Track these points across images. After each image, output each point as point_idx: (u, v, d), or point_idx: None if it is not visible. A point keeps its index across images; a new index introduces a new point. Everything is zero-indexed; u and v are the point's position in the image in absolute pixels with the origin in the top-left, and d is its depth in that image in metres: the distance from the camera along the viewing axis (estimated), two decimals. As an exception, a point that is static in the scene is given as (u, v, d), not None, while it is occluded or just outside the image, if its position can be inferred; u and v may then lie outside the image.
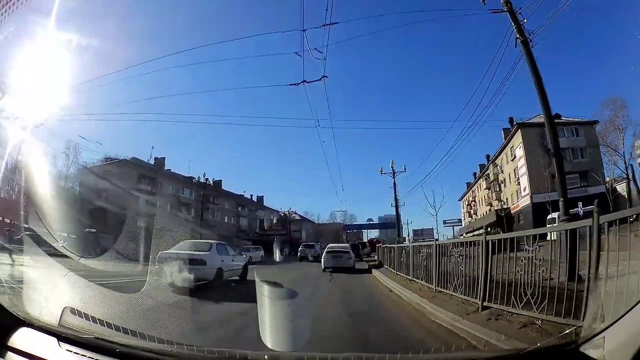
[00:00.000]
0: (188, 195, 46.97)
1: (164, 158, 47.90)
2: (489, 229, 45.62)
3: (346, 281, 12.88)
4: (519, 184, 42.68)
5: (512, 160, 44.53)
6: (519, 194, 43.59)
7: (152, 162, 45.81)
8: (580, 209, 25.41)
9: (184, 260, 8.88)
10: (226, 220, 54.13)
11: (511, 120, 44.21)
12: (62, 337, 2.22)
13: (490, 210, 52.95)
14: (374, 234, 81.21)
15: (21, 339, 2.12)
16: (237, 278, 11.78)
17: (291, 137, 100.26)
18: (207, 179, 52.10)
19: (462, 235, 65.03)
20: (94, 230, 23.82)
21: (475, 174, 66.84)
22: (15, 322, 2.25)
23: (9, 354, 1.98)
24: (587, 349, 1.79)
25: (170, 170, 47.25)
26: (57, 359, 2.06)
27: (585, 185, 35.71)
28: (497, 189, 50.44)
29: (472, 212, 67.57)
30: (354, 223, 70.62)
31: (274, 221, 59.77)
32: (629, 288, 2.07)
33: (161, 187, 43.48)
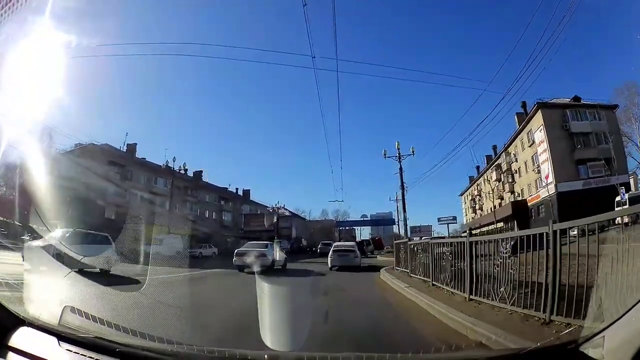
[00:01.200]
0: (162, 186, 43.30)
1: (136, 144, 44.56)
2: (500, 224, 45.77)
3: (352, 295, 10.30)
4: (538, 171, 39.63)
5: (530, 145, 41.28)
6: (538, 184, 40.45)
7: (124, 149, 42.85)
8: (623, 194, 24.59)
9: (254, 253, 16.47)
10: (207, 215, 51.59)
11: (524, 104, 41.52)
12: (62, 337, 2.32)
13: (500, 203, 50.93)
14: (366, 231, 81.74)
15: (21, 338, 2.23)
16: (281, 267, 18.51)
17: (285, 121, 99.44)
18: (186, 169, 48.76)
19: (464, 232, 63.23)
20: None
21: (478, 167, 65.14)
22: (15, 321, 2.35)
23: (9, 354, 2.08)
24: (587, 349, 1.87)
25: (143, 158, 44.45)
26: (57, 358, 2.17)
27: (609, 175, 33.57)
28: (510, 180, 47.93)
29: (476, 207, 65.40)
30: (347, 220, 69.46)
31: (260, 217, 57.81)
32: (629, 288, 2.14)
33: (131, 176, 40.59)
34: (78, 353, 2.19)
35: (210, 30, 66.70)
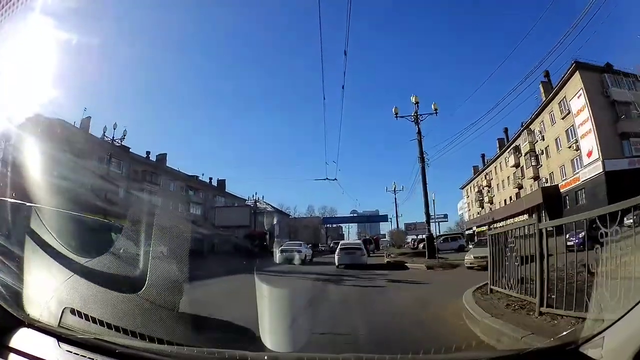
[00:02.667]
0: (115, 169, 38.23)
1: (90, 118, 38.85)
2: (523, 216, 39.35)
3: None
4: (576, 148, 34.72)
5: (564, 117, 36.24)
6: (576, 163, 35.54)
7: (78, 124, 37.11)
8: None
9: (293, 250, 24.36)
10: (170, 207, 45.71)
11: (547, 74, 36.94)
12: (62, 338, 2.50)
13: (518, 194, 47.26)
14: (354, 229, 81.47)
15: (21, 339, 2.40)
16: (309, 260, 25.84)
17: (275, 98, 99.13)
18: (148, 153, 45.52)
19: (471, 228, 60.47)
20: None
21: (483, 156, 62.62)
22: (15, 322, 2.53)
23: (9, 355, 2.25)
24: (587, 349, 1.95)
25: (92, 135, 37.75)
26: (57, 359, 2.33)
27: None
28: (534, 163, 43.02)
29: (484, 201, 60.71)
30: (335, 216, 69.22)
31: (235, 210, 52.36)
32: (629, 288, 2.18)
33: (81, 155, 31.60)
34: (78, 354, 2.34)
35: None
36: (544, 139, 41.03)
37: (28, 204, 4.55)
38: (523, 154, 45.31)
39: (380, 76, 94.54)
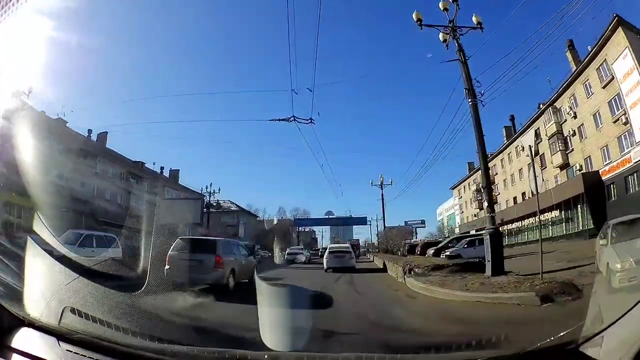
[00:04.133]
0: (48, 145, 30.40)
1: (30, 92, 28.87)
2: (552, 213, 34.14)
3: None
4: (625, 122, 28.55)
5: (605, 86, 30.07)
6: (624, 142, 29.36)
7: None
8: None
9: (299, 253, 36.72)
10: (108, 197, 40.40)
11: (571, 43, 33.79)
12: (62, 337, 2.60)
13: (530, 193, 35.58)
14: (327, 232, 79.34)
15: (22, 339, 2.50)
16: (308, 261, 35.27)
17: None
18: (90, 132, 39.69)
19: (467, 232, 51.98)
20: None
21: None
22: (16, 322, 2.63)
23: (10, 354, 2.33)
24: (587, 349, 2.03)
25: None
26: (57, 358, 2.45)
27: None
28: (562, 147, 36.56)
29: (482, 200, 50.86)
30: (309, 217, 66.50)
31: (183, 205, 39.73)
32: (630, 288, 2.24)
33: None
34: (78, 353, 2.46)
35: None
36: (575, 117, 34.60)
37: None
38: (549, 137, 38.36)
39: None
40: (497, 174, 51.56)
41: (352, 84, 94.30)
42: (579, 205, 32.34)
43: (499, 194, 50.63)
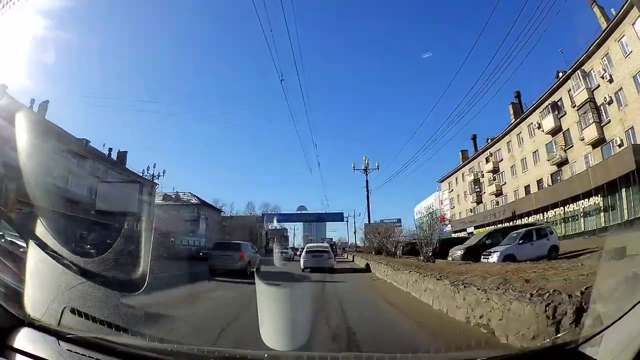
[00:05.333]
0: None
1: None
2: (588, 200, 29.45)
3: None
4: None
5: None
6: None
7: None
8: None
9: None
10: (38, 174, 28.35)
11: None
12: (62, 337, 2.62)
13: (557, 172, 35.15)
14: (300, 229, 75.41)
15: (22, 339, 2.51)
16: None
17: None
18: (32, 101, 34.04)
19: (464, 230, 48.94)
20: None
21: (475, 137, 52.32)
22: (16, 322, 2.65)
23: (10, 354, 2.35)
24: (586, 349, 2.04)
25: None
26: (57, 358, 2.45)
27: None
28: (594, 118, 30.23)
29: (483, 193, 49.44)
30: (279, 213, 61.11)
31: (119, 188, 37.66)
32: (629, 288, 2.25)
33: None
34: (78, 353, 2.47)
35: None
36: (611, 81, 28.40)
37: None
38: (577, 107, 31.75)
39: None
40: (501, 160, 45.24)
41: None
42: (623, 189, 26.76)
43: (505, 183, 44.50)
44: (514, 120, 42.57)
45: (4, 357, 2.32)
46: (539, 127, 37.29)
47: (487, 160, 48.47)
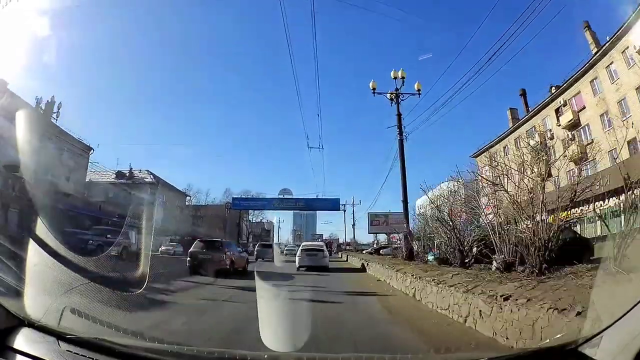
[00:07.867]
0: None
1: None
2: None
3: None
4: None
5: None
6: None
7: None
8: None
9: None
10: None
11: None
12: (62, 337, 2.61)
13: None
14: (289, 219, 66.24)
15: (21, 339, 2.51)
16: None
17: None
18: None
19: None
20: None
21: (524, 91, 37.80)
22: (16, 322, 2.65)
23: (10, 354, 2.35)
24: (586, 349, 2.05)
25: None
26: (57, 358, 2.44)
27: None
28: None
29: (549, 161, 20.99)
30: (253, 197, 49.12)
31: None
32: (629, 288, 2.26)
33: None
34: (78, 353, 2.47)
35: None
36: None
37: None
38: None
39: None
40: (583, 108, 29.65)
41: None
42: None
43: (592, 141, 28.30)
44: (595, 49, 28.04)
45: (4, 357, 2.32)
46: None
47: (559, 113, 31.76)
